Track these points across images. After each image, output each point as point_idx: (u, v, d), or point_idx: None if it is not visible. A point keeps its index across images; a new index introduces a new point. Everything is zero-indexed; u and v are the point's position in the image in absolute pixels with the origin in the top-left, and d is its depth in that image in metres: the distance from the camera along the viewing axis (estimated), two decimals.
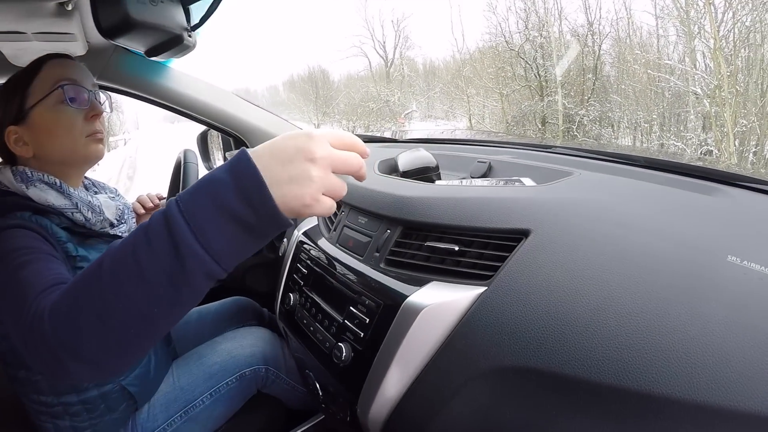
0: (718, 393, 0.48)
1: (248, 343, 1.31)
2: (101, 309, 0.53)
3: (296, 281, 1.10)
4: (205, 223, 0.51)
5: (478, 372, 0.66)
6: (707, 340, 0.51)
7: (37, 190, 0.92)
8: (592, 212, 0.73)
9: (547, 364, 0.59)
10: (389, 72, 16.91)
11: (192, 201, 0.52)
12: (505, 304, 0.67)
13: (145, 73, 1.64)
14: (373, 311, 0.82)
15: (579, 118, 11.13)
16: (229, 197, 0.51)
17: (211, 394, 1.19)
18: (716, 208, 0.75)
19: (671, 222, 0.69)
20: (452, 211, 0.81)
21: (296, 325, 1.05)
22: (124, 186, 11.03)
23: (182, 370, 1.23)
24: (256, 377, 1.27)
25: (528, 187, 0.87)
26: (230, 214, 0.51)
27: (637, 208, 0.75)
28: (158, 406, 1.15)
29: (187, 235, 0.50)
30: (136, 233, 0.53)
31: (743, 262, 0.58)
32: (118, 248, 0.54)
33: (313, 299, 1.01)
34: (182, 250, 0.50)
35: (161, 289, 0.51)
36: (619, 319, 0.57)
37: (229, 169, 0.52)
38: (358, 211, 1.01)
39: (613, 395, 0.54)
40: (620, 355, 0.55)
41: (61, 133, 0.96)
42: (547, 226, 0.71)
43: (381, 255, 0.89)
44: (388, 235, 0.89)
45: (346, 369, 0.85)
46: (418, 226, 0.85)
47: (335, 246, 1.03)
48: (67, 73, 0.98)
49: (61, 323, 0.55)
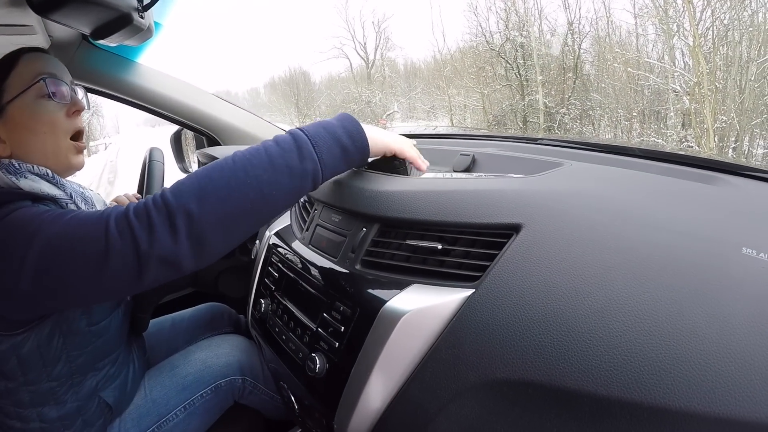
0: (742, 404, 0.42)
1: (224, 352, 1.26)
2: (231, 183, 0.69)
3: (267, 286, 1.03)
4: (320, 140, 0.75)
5: (467, 386, 0.58)
6: (728, 344, 0.45)
7: (29, 182, 0.86)
8: (589, 203, 0.66)
9: (546, 376, 0.52)
10: (370, 73, 16.93)
11: (310, 128, 0.76)
12: (495, 309, 0.59)
13: (113, 70, 1.57)
14: (348, 318, 0.74)
15: (560, 117, 11.22)
16: (338, 130, 0.78)
17: (185, 407, 1.14)
18: (721, 198, 0.69)
19: (675, 213, 0.63)
20: (434, 205, 0.73)
21: (268, 333, 0.98)
22: (105, 191, 11.01)
23: (155, 381, 1.17)
24: (232, 388, 1.22)
25: (516, 179, 0.79)
26: (336, 140, 0.77)
27: (636, 198, 0.68)
28: (129, 421, 1.09)
29: (308, 145, 0.74)
30: (262, 143, 0.74)
31: (760, 254, 0.52)
32: (246, 149, 0.73)
33: (285, 305, 0.93)
34: (304, 152, 0.73)
35: (282, 177, 0.71)
36: (626, 322, 0.50)
37: (338, 118, 0.80)
38: (332, 209, 0.92)
39: (623, 410, 0.47)
40: (629, 365, 0.48)
41: (44, 130, 0.90)
42: (540, 220, 0.64)
43: (356, 255, 0.80)
44: (364, 233, 0.81)
45: (321, 381, 0.77)
46: (396, 223, 0.77)
47: (308, 247, 0.95)
48: (46, 66, 0.92)
49: (186, 194, 0.68)
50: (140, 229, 0.67)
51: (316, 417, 0.85)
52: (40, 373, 0.88)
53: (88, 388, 0.97)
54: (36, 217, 0.73)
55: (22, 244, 0.69)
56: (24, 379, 0.87)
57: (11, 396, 0.89)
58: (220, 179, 0.69)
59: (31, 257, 0.68)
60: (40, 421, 0.92)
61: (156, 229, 0.66)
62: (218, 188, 0.68)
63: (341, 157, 0.77)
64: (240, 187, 0.68)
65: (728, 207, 0.66)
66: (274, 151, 0.72)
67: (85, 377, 0.96)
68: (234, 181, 0.69)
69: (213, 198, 0.68)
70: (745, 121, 8.39)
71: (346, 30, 20.11)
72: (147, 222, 0.67)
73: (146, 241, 0.66)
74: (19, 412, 0.90)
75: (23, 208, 0.76)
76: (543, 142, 1.13)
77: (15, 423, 0.91)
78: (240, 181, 0.69)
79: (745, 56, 8.50)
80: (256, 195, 0.69)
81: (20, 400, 0.89)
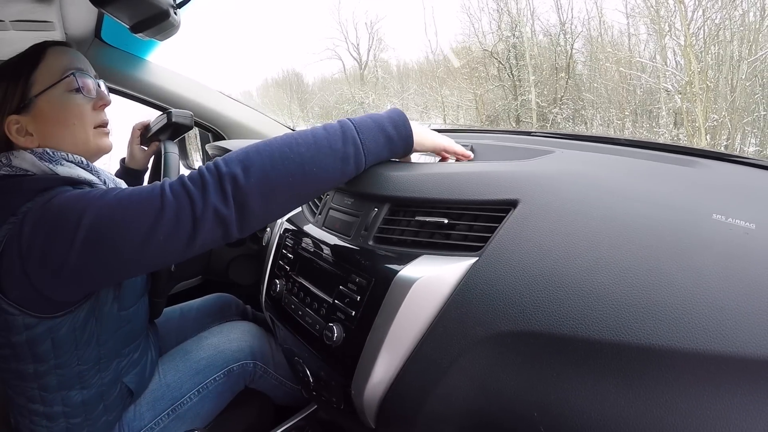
0: (716, 340, 0.48)
1: (235, 337, 1.30)
2: (275, 156, 0.75)
3: (282, 267, 1.09)
4: (365, 128, 0.82)
5: (475, 340, 0.65)
6: (701, 291, 0.52)
7: (65, 168, 0.90)
8: (577, 181, 0.73)
9: (544, 325, 0.59)
10: (363, 74, 16.87)
11: (357, 118, 0.83)
12: (497, 272, 0.66)
13: (123, 67, 1.63)
14: (363, 288, 0.81)
15: (552, 117, 11.24)
16: (384, 121, 0.85)
17: (199, 391, 1.18)
18: (698, 176, 0.76)
19: (657, 189, 0.70)
20: (440, 185, 0.81)
21: (284, 311, 1.04)
22: None
23: (168, 366, 1.21)
24: (243, 372, 1.26)
25: (513, 162, 0.87)
26: (381, 129, 0.84)
27: (620, 177, 0.76)
28: (144, 405, 1.12)
29: (353, 131, 0.81)
30: (311, 129, 0.80)
31: (728, 219, 0.59)
32: (296, 131, 0.81)
33: (300, 283, 1.00)
34: (347, 137, 0.80)
35: (324, 157, 0.77)
36: (612, 277, 0.57)
37: (387, 111, 0.87)
38: (344, 193, 1.00)
39: (613, 350, 0.54)
40: (616, 312, 0.55)
41: (73, 122, 0.95)
42: (535, 196, 0.71)
43: (369, 233, 0.88)
44: (376, 213, 0.88)
45: (338, 350, 0.84)
46: (406, 202, 0.85)
47: (321, 229, 1.02)
48: (74, 61, 0.96)
49: (234, 162, 0.75)
50: (195, 190, 0.73)
51: (332, 386, 0.90)
52: (72, 356, 0.91)
53: (113, 373, 1.00)
54: (83, 196, 0.77)
55: (72, 221, 0.73)
56: (55, 362, 0.89)
57: (39, 379, 0.90)
58: (265, 152, 0.76)
59: (81, 231, 0.72)
60: (63, 405, 0.94)
61: (209, 188, 0.73)
62: (263, 160, 0.75)
63: (385, 144, 0.84)
64: (283, 161, 0.75)
65: (702, 183, 0.73)
66: (320, 134, 0.79)
67: (111, 362, 1.00)
68: (278, 155, 0.75)
69: (257, 168, 0.74)
70: (737, 119, 8.42)
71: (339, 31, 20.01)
72: (201, 183, 0.74)
73: (201, 198, 0.73)
74: (44, 396, 0.92)
75: (66, 192, 0.80)
76: (536, 135, 1.20)
77: (38, 407, 0.93)
78: (284, 156, 0.75)
79: (737, 55, 8.53)
80: (297, 170, 0.75)
81: (47, 384, 0.91)
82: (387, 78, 16.61)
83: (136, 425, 1.09)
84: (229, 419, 1.26)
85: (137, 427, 1.09)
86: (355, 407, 0.84)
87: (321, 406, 1.07)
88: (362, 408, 0.82)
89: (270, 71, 25.77)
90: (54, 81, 0.92)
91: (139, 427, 1.09)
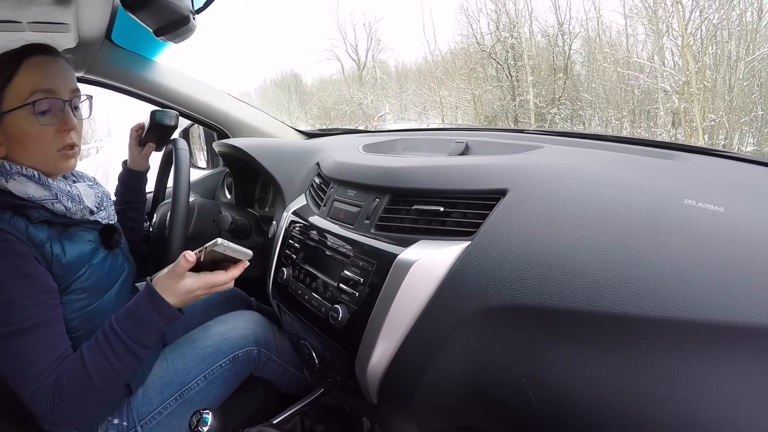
0: (683, 308, 0.54)
1: (240, 325, 1.34)
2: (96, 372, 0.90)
3: (289, 256, 1.15)
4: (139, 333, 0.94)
5: (468, 315, 0.71)
6: (671, 265, 0.57)
7: (16, 183, 0.94)
8: (563, 172, 0.80)
9: (530, 299, 0.65)
10: (362, 75, 16.91)
11: (128, 323, 0.93)
12: (488, 253, 0.73)
13: (132, 67, 1.68)
14: (366, 271, 0.87)
15: (551, 117, 11.30)
16: (148, 315, 0.94)
17: (205, 377, 1.21)
18: (676, 167, 0.83)
19: (635, 177, 0.77)
20: (437, 177, 0.87)
21: (290, 297, 1.10)
22: None
23: (176, 353, 1.25)
24: (248, 359, 1.29)
25: (504, 155, 0.93)
26: (149, 325, 0.94)
27: (604, 168, 0.83)
28: (153, 390, 1.16)
29: (132, 343, 0.93)
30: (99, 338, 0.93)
31: (698, 203, 0.65)
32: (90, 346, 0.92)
33: (307, 270, 1.06)
34: (132, 348, 0.93)
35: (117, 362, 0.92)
36: (592, 254, 0.63)
37: (147, 298, 0.94)
38: (347, 186, 1.06)
39: (592, 320, 0.60)
40: (595, 285, 0.61)
41: (32, 146, 0.97)
42: (523, 185, 0.78)
43: (371, 222, 0.94)
44: (377, 203, 0.95)
45: (343, 329, 0.90)
46: (405, 193, 0.91)
47: (326, 219, 1.08)
48: (44, 81, 0.96)
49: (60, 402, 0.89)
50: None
51: (337, 365, 0.97)
52: None
53: None
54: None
55: None
56: None
57: None
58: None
59: None
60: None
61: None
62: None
63: (156, 330, 0.97)
64: (105, 375, 0.92)
65: (679, 173, 0.80)
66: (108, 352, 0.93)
67: None
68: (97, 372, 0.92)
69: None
70: (734, 119, 8.43)
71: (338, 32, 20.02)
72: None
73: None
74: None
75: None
76: (528, 132, 1.26)
77: None
78: (101, 371, 0.92)
79: (734, 55, 8.55)
80: (114, 379, 0.94)
81: None
82: (385, 79, 16.61)
83: (144, 410, 1.13)
84: (236, 405, 1.30)
85: (145, 411, 1.13)
86: (359, 385, 0.90)
87: (326, 387, 1.12)
88: (365, 385, 0.88)
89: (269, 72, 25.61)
90: (20, 103, 0.94)
91: (147, 411, 1.14)
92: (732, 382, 0.50)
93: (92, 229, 1.09)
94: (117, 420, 1.11)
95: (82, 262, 1.02)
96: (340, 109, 16.27)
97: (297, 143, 1.69)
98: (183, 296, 0.95)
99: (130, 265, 1.24)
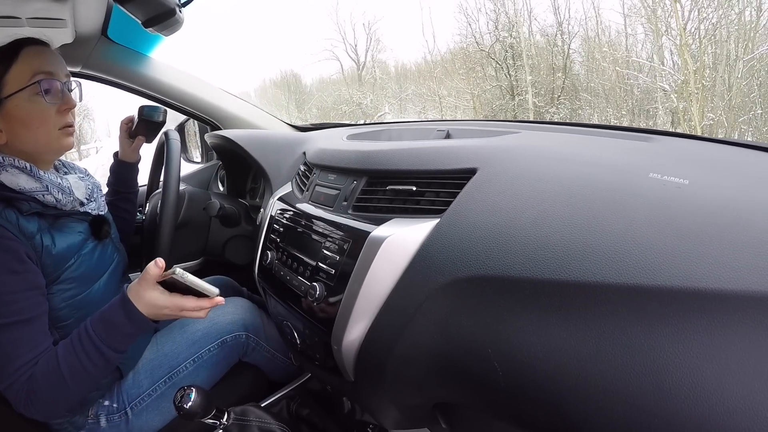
0: (644, 275, 0.55)
1: (229, 311, 1.36)
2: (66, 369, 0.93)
3: (273, 240, 1.17)
4: (109, 337, 0.95)
5: (437, 286, 0.73)
6: (632, 234, 0.59)
7: (8, 175, 0.97)
8: (532, 152, 0.82)
9: (495, 270, 0.67)
10: (361, 75, 16.91)
11: (99, 327, 0.95)
12: (456, 229, 0.75)
13: (128, 63, 1.71)
14: (342, 249, 0.89)
15: (550, 116, 11.29)
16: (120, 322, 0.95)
17: (194, 360, 1.24)
18: (647, 147, 0.85)
19: (605, 155, 0.79)
20: (411, 159, 0.90)
21: (274, 279, 1.12)
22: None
23: (166, 337, 1.28)
24: (237, 344, 1.32)
25: (477, 139, 0.96)
26: (119, 330, 0.95)
27: (576, 150, 0.85)
28: (143, 373, 1.19)
29: (103, 347, 0.95)
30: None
31: (663, 177, 0.67)
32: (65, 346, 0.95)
33: (289, 251, 1.08)
34: (103, 351, 0.95)
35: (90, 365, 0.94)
36: (554, 226, 0.65)
37: (121, 306, 0.95)
38: (328, 170, 1.09)
39: (554, 288, 0.61)
40: (556, 255, 0.62)
41: (36, 125, 1.01)
42: (492, 165, 0.80)
43: (349, 203, 0.97)
44: (355, 185, 0.97)
45: (319, 306, 0.92)
46: (381, 174, 0.94)
47: (308, 203, 1.11)
48: (44, 65, 1.01)
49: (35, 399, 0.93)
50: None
51: (316, 342, 0.99)
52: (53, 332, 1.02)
53: None
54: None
55: None
56: None
57: None
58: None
59: None
60: None
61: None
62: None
63: (128, 336, 0.98)
64: (74, 374, 0.95)
65: (649, 152, 0.82)
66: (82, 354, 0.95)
67: None
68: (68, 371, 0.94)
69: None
70: (733, 118, 8.44)
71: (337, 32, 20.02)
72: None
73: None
74: None
75: None
76: (512, 122, 1.29)
77: None
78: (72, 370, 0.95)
79: (733, 54, 8.56)
80: (85, 379, 0.96)
81: None
82: (385, 78, 16.61)
83: (134, 392, 1.17)
84: (225, 389, 1.33)
85: (135, 393, 1.17)
86: (336, 362, 0.93)
87: (308, 368, 1.14)
88: (342, 361, 0.90)
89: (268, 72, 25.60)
90: (22, 86, 0.98)
91: (137, 394, 1.17)
92: (696, 348, 0.50)
93: (82, 221, 1.12)
94: (108, 402, 1.14)
95: (72, 253, 1.05)
96: (339, 109, 16.29)
97: (285, 134, 1.72)
98: (150, 308, 0.95)
99: (120, 255, 1.27)
